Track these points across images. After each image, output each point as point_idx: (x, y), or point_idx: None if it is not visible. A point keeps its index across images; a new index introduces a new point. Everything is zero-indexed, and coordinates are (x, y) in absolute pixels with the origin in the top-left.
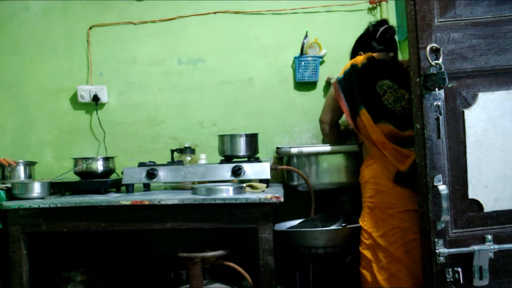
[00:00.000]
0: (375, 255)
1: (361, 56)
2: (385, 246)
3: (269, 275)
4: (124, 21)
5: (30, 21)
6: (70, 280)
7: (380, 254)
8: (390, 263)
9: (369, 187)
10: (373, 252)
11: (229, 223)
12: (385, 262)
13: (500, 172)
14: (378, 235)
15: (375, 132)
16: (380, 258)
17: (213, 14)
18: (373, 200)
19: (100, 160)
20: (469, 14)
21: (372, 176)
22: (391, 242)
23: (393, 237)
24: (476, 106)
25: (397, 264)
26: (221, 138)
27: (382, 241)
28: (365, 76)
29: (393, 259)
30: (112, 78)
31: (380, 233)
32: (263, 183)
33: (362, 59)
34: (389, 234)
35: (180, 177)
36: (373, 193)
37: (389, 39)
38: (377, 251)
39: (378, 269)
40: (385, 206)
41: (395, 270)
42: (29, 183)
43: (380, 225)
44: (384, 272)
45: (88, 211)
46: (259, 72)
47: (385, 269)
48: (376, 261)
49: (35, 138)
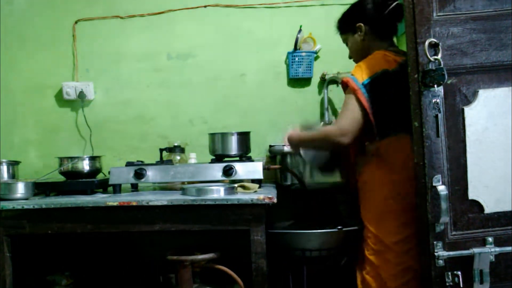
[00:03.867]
0: (385, 260)
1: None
2: (399, 253)
3: (261, 278)
4: (111, 15)
5: (14, 15)
6: (55, 284)
7: (393, 261)
8: (404, 271)
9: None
10: (382, 257)
11: (220, 224)
12: (399, 270)
13: (501, 171)
14: (393, 241)
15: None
16: (393, 264)
17: (203, 8)
18: (388, 203)
19: (86, 160)
20: (469, 7)
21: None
22: (405, 250)
23: (408, 245)
24: (476, 103)
25: (410, 273)
26: (211, 136)
27: (397, 247)
28: (399, 87)
29: (407, 267)
30: (99, 74)
31: (394, 239)
32: (256, 183)
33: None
34: (404, 241)
35: (169, 177)
36: (388, 197)
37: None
38: (388, 257)
39: (388, 276)
40: (399, 211)
41: (408, 278)
42: (12, 183)
43: (395, 231)
44: (396, 279)
45: (74, 213)
46: (252, 68)
47: (397, 276)
48: (384, 267)
49: (19, 137)
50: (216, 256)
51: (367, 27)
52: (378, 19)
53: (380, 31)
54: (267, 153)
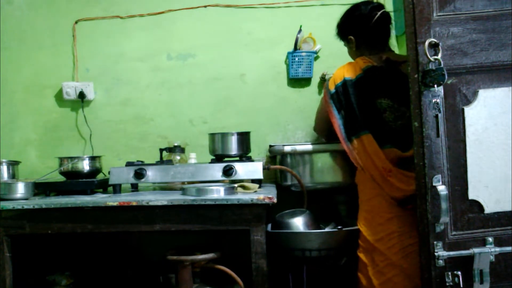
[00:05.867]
0: (371, 258)
1: (351, 65)
2: (382, 250)
3: (261, 278)
4: (111, 15)
5: (14, 15)
6: (55, 284)
7: (377, 258)
8: (387, 267)
9: (367, 189)
10: (369, 255)
11: (220, 224)
12: (382, 267)
13: (501, 171)
14: (375, 239)
15: (380, 159)
16: (377, 262)
17: (203, 8)
18: (371, 203)
19: (86, 160)
20: (469, 7)
21: (368, 179)
22: (388, 246)
23: (391, 242)
24: (476, 103)
25: (394, 269)
26: (211, 136)
27: (380, 245)
28: (363, 92)
29: (390, 264)
30: (99, 74)
31: (377, 237)
32: (256, 183)
33: (356, 69)
34: (386, 238)
35: (169, 177)
36: (371, 196)
37: (385, 28)
38: (373, 255)
39: (373, 273)
40: (383, 210)
41: (392, 275)
42: (12, 183)
43: (378, 229)
44: (380, 276)
45: (74, 213)
46: (251, 68)
47: (381, 273)
48: (372, 265)
49: (19, 137)
50: (216, 256)
51: (356, 39)
52: (365, 30)
53: (367, 42)
54: (267, 153)
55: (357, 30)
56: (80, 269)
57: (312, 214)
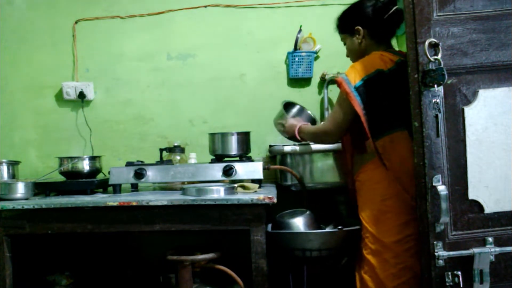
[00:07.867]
0: (383, 260)
1: (377, 56)
2: (398, 253)
3: (261, 278)
4: (111, 15)
5: (14, 15)
6: (55, 284)
7: (392, 261)
8: (403, 270)
9: (382, 189)
10: (380, 257)
11: (220, 224)
12: (397, 269)
13: (501, 171)
14: (392, 240)
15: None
16: (391, 264)
17: (203, 8)
18: (386, 203)
19: (86, 160)
20: (469, 7)
21: (385, 177)
22: (405, 249)
23: (408, 244)
24: (476, 103)
25: (409, 272)
26: (211, 136)
27: (396, 246)
28: (399, 85)
29: (406, 267)
30: (99, 74)
31: (394, 238)
32: (256, 183)
33: (387, 62)
34: (404, 240)
35: (169, 177)
36: (387, 197)
37: (396, 24)
38: (386, 257)
39: (386, 276)
40: (400, 211)
41: (407, 278)
42: (12, 183)
43: (395, 230)
44: (394, 279)
45: (74, 213)
46: (251, 68)
47: (395, 276)
48: (382, 267)
49: (19, 137)
50: (216, 256)
51: (366, 30)
52: (377, 23)
53: (378, 35)
54: (267, 153)
55: (369, 21)
56: (80, 269)
57: (312, 214)
